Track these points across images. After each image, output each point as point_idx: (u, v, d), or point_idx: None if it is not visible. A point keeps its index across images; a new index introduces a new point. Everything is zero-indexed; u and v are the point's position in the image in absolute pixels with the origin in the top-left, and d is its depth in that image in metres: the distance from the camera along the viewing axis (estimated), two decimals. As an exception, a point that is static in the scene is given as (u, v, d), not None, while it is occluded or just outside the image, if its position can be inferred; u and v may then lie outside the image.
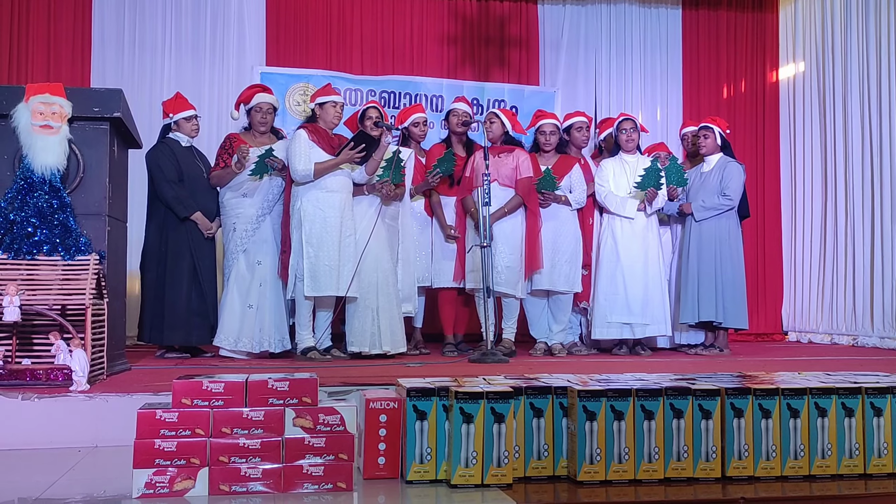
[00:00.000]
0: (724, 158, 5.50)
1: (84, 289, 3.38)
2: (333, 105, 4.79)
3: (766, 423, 2.56)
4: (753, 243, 7.15)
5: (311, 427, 2.39)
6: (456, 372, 3.81)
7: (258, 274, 4.78)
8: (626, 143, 5.37)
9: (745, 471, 2.54)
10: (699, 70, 7.48)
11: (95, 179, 3.71)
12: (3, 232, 3.45)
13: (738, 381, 2.77)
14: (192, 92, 5.88)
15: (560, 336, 5.32)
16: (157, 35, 6.50)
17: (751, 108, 7.49)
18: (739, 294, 5.38)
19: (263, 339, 4.76)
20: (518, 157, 5.14)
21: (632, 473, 2.47)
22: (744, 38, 7.55)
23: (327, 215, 4.62)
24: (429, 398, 2.47)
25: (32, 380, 3.24)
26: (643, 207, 5.27)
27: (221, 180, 4.88)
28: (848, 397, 2.62)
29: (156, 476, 2.27)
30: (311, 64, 6.65)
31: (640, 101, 7.37)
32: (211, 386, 2.39)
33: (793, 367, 4.04)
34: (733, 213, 5.46)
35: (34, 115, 3.50)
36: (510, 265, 5.04)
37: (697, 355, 5.34)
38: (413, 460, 2.45)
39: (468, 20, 7.11)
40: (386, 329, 4.75)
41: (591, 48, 7.35)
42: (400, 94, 6.60)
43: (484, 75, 7.06)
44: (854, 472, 2.60)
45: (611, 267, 5.27)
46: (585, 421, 2.46)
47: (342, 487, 2.35)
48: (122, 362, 4.03)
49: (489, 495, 2.33)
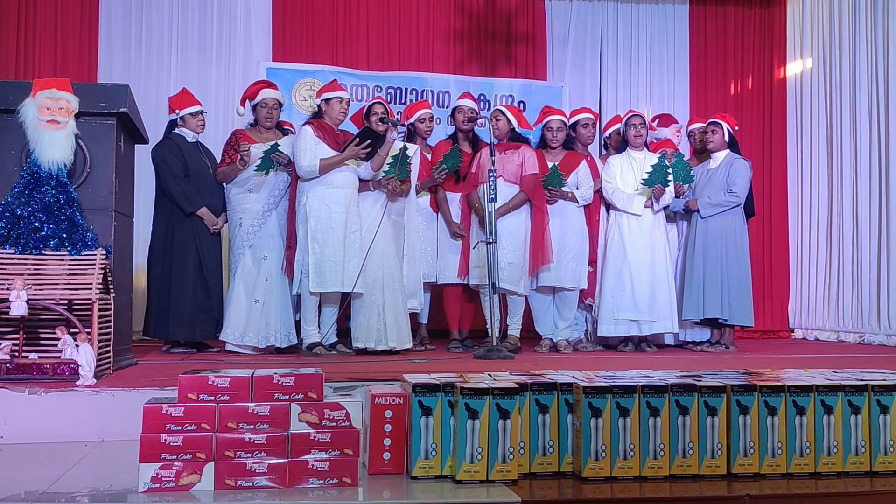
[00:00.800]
0: (731, 155, 5.48)
1: (91, 284, 3.39)
2: (339, 101, 4.79)
3: (772, 420, 2.55)
4: (760, 240, 7.13)
5: (316, 422, 2.39)
6: (461, 368, 3.81)
7: (264, 269, 4.79)
8: (633, 138, 5.36)
9: (750, 468, 2.53)
10: (706, 66, 7.45)
11: (102, 174, 3.72)
12: (10, 227, 3.46)
13: (744, 378, 2.76)
14: (198, 87, 5.89)
15: (566, 332, 5.31)
16: (163, 30, 6.51)
17: (758, 105, 7.47)
18: (745, 291, 5.37)
19: (269, 334, 4.77)
20: (524, 154, 5.14)
21: (637, 470, 2.47)
22: (751, 34, 7.52)
23: (333, 211, 4.62)
24: (434, 394, 2.47)
25: (39, 374, 3.25)
26: (650, 204, 5.26)
27: (227, 176, 4.88)
28: (854, 395, 2.61)
29: (162, 470, 2.27)
30: (317, 59, 6.65)
31: (647, 96, 7.35)
32: (217, 381, 2.40)
33: (799, 364, 4.03)
34: (739, 209, 5.44)
35: (41, 111, 3.51)
36: (513, 262, 5.04)
37: (703, 352, 5.33)
38: (418, 456, 2.45)
39: (475, 16, 7.09)
40: (392, 325, 4.75)
41: (599, 43, 7.33)
42: (406, 89, 6.60)
43: (491, 71, 7.05)
44: (860, 469, 2.59)
45: (617, 264, 5.27)
46: (591, 417, 2.46)
47: (347, 482, 2.35)
48: (129, 357, 4.04)
49: (494, 491, 2.33)
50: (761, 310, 6.99)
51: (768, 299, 7.25)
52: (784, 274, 7.34)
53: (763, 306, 7.09)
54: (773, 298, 7.30)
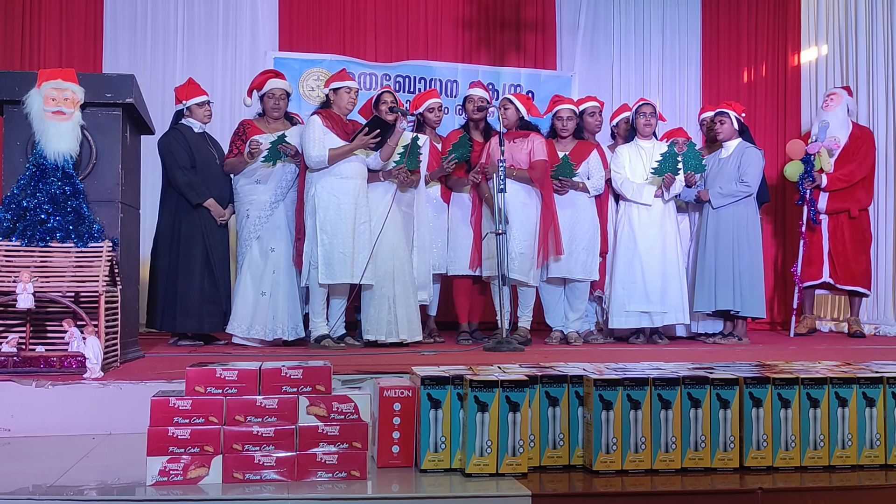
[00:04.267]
0: (743, 144, 5.42)
1: (97, 276, 3.38)
2: (347, 91, 4.75)
3: (786, 412, 2.52)
4: (772, 230, 7.06)
5: (324, 415, 2.38)
6: (471, 360, 3.79)
7: (271, 261, 4.77)
8: (643, 127, 5.30)
9: (763, 461, 2.50)
10: (719, 53, 7.38)
11: (108, 166, 3.71)
12: (16, 219, 3.45)
13: (757, 370, 2.72)
14: (204, 77, 5.86)
15: (576, 324, 5.28)
16: (169, 20, 6.48)
17: (772, 92, 7.37)
18: (757, 282, 5.31)
19: (276, 326, 4.75)
20: (533, 142, 5.09)
21: (648, 463, 2.45)
22: (765, 20, 7.43)
23: (342, 202, 4.59)
24: (443, 386, 2.45)
25: (46, 367, 3.25)
26: (660, 194, 5.21)
27: (235, 167, 4.86)
28: (869, 387, 2.57)
29: (170, 463, 2.26)
30: (324, 49, 6.61)
31: (659, 85, 7.28)
32: (224, 374, 2.38)
33: (812, 356, 3.99)
34: (752, 199, 5.38)
35: (46, 101, 3.49)
36: (524, 252, 4.99)
37: (715, 344, 5.29)
38: (427, 449, 2.43)
39: (483, 3, 7.04)
40: (402, 317, 4.73)
41: (609, 31, 7.26)
42: (415, 78, 6.56)
43: (500, 59, 7.00)
44: (875, 462, 2.56)
45: (628, 255, 5.22)
46: (602, 410, 2.43)
47: (356, 476, 2.34)
48: (136, 349, 4.03)
49: (504, 484, 2.31)
50: (774, 301, 6.93)
51: (781, 290, 7.18)
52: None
53: (776, 297, 7.03)
54: (788, 289, 7.23)
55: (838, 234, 6.04)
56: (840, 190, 5.98)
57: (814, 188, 5.98)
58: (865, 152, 6.04)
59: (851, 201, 6.02)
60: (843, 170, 5.98)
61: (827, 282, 6.07)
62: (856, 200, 6.03)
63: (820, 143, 5.94)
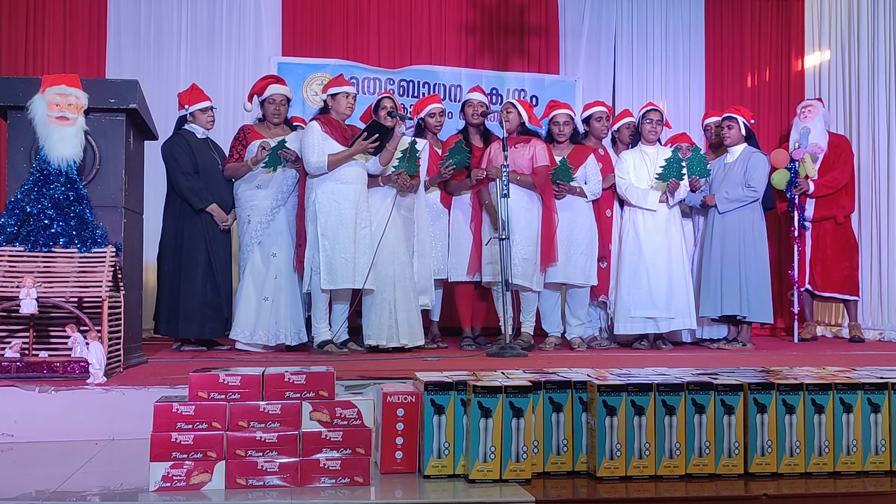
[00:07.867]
0: (749, 149, 5.41)
1: (100, 281, 3.38)
2: (346, 96, 4.75)
3: (790, 418, 2.51)
4: (778, 236, 7.04)
5: (328, 421, 2.37)
6: (474, 366, 3.78)
7: (273, 266, 4.77)
8: (648, 133, 5.29)
9: (768, 467, 2.49)
10: (722, 58, 7.37)
11: (112, 171, 3.71)
12: (19, 224, 3.45)
13: (762, 375, 2.71)
14: (207, 83, 5.86)
15: (579, 330, 5.26)
16: (172, 25, 6.48)
17: (775, 98, 7.38)
18: (763, 287, 5.29)
19: (279, 331, 4.75)
20: (535, 147, 5.08)
21: (652, 469, 2.44)
22: (768, 25, 7.42)
23: (342, 207, 4.59)
24: (446, 392, 2.44)
25: (49, 372, 3.24)
26: (665, 199, 5.20)
27: (236, 172, 4.86)
28: (874, 393, 2.56)
29: (173, 469, 2.26)
30: (328, 53, 6.62)
31: (662, 89, 7.27)
32: (227, 379, 2.38)
33: (817, 362, 3.97)
34: (757, 204, 5.38)
35: (50, 107, 3.50)
36: (526, 257, 4.98)
37: (720, 350, 5.26)
38: (431, 455, 2.42)
39: (487, 8, 7.04)
40: (403, 322, 4.72)
41: (613, 36, 7.25)
42: (418, 83, 6.56)
43: (503, 65, 6.99)
44: (880, 468, 2.54)
45: (633, 260, 5.20)
46: (605, 416, 2.42)
47: (359, 481, 2.33)
48: (139, 355, 4.03)
49: (507, 490, 2.30)
50: (779, 306, 6.90)
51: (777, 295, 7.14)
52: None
53: (781, 303, 7.00)
54: (782, 295, 7.19)
55: (820, 241, 6.14)
56: (827, 196, 6.09)
57: (801, 195, 6.02)
58: (845, 160, 6.16)
59: (836, 208, 6.13)
60: (827, 176, 6.08)
61: (807, 289, 6.14)
62: (840, 207, 6.14)
63: (803, 150, 5.99)
